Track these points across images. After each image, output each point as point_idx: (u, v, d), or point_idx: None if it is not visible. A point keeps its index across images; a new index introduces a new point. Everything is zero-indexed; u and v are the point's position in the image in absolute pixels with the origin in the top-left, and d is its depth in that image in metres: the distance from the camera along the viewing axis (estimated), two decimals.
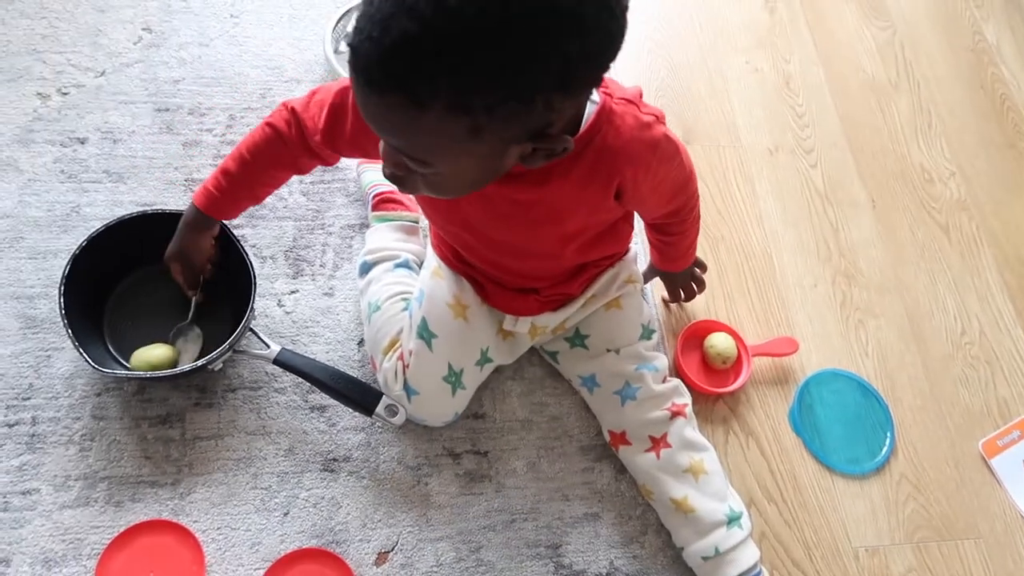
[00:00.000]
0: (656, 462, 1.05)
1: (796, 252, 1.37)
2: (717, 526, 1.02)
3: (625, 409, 1.07)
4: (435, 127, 0.63)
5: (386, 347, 1.06)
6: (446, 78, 0.59)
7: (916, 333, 1.33)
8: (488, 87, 0.60)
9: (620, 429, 1.08)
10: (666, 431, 1.06)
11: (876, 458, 1.20)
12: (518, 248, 0.96)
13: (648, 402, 1.06)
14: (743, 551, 1.02)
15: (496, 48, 0.59)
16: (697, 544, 1.02)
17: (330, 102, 0.90)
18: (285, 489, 1.01)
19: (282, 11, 1.40)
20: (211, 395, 1.05)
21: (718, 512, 1.02)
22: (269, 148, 0.94)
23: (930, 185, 1.51)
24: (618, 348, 1.09)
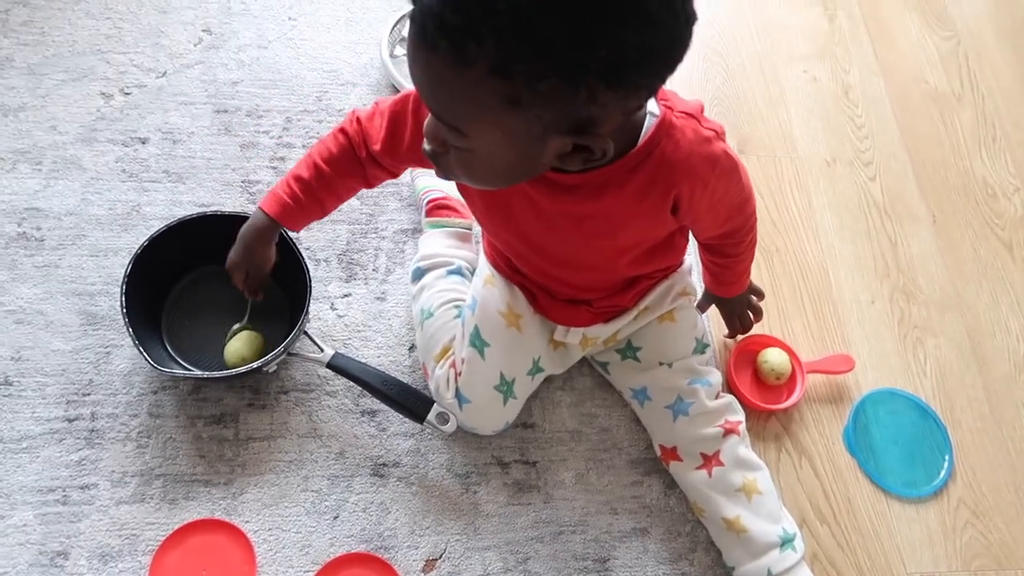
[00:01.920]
0: (708, 480, 1.03)
1: (853, 267, 1.34)
2: (770, 548, 1.00)
3: (677, 425, 1.05)
4: (475, 88, 0.62)
5: (438, 354, 1.06)
6: (494, 39, 0.58)
7: (977, 353, 1.30)
8: (533, 56, 0.59)
9: (671, 444, 1.07)
10: (719, 448, 1.04)
11: (934, 481, 1.17)
12: (571, 260, 0.95)
13: (701, 418, 1.05)
14: (796, 574, 1.00)
15: (550, 16, 0.57)
16: (749, 565, 1.00)
17: (389, 110, 0.91)
18: (335, 492, 1.02)
19: (338, 14, 1.41)
20: (264, 396, 1.06)
21: (771, 533, 1.00)
22: (342, 156, 0.94)
23: (993, 200, 1.46)
24: (671, 362, 1.08)
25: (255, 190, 1.21)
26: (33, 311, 1.07)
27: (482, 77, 0.60)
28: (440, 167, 0.75)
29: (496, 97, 0.62)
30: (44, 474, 0.98)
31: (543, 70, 0.60)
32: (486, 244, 1.09)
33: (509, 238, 0.97)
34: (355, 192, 1.01)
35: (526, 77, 0.60)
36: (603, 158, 0.70)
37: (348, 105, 1.31)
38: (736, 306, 1.17)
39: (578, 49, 0.59)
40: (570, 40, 0.58)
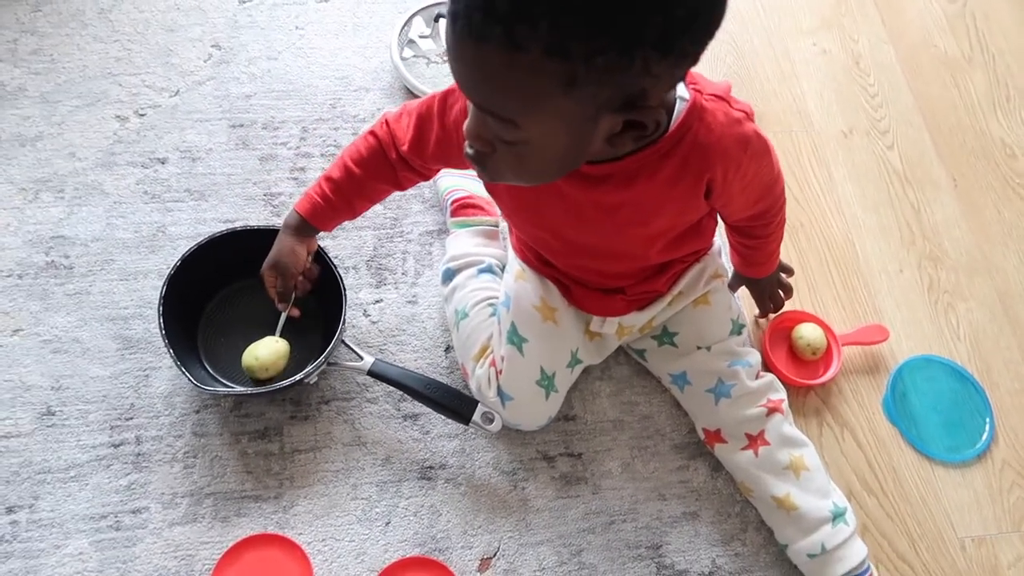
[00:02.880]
0: (755, 460, 1.03)
1: (878, 237, 1.34)
2: (822, 523, 1.00)
3: (719, 407, 1.05)
4: (530, 74, 0.60)
5: (477, 354, 1.06)
6: (547, 19, 0.57)
7: (1009, 314, 1.29)
8: (590, 31, 0.58)
9: (715, 427, 1.07)
10: (763, 428, 1.04)
11: (976, 445, 1.17)
12: (603, 250, 0.94)
13: (743, 399, 1.04)
14: (850, 547, 1.00)
15: None
16: (802, 542, 1.00)
17: (416, 111, 0.91)
18: (385, 499, 1.02)
19: (345, 20, 1.41)
20: (306, 408, 1.06)
21: (822, 509, 1.00)
22: (372, 158, 0.94)
23: (1013, 160, 1.46)
24: (709, 345, 1.07)
25: (278, 202, 1.21)
26: (69, 339, 1.07)
27: (537, 61, 0.59)
28: (486, 169, 0.74)
29: (553, 80, 0.61)
30: (95, 501, 0.98)
31: (600, 44, 0.59)
32: (514, 240, 1.09)
33: (540, 234, 0.97)
34: (386, 195, 1.01)
35: (583, 54, 0.59)
36: (656, 131, 0.70)
37: (362, 111, 1.31)
38: (767, 286, 1.17)
39: (633, 17, 0.58)
40: (623, 11, 0.57)
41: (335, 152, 1.26)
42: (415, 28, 1.40)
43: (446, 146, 0.89)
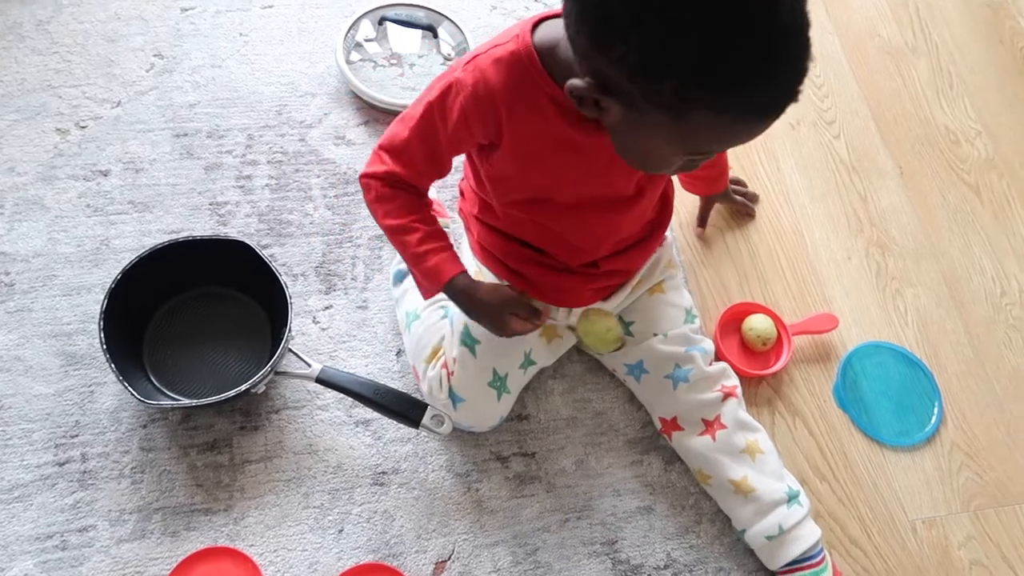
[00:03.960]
0: (713, 444, 1.04)
1: (827, 226, 1.35)
2: (778, 504, 1.02)
3: (677, 392, 1.06)
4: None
5: (428, 356, 1.05)
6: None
7: (955, 298, 1.31)
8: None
9: (671, 415, 1.07)
10: (719, 412, 1.05)
11: (925, 428, 1.19)
12: (610, 199, 0.94)
13: (701, 383, 1.06)
14: (805, 528, 1.02)
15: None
16: (759, 525, 1.01)
17: (415, 135, 0.89)
18: (337, 506, 1.01)
19: (290, 26, 1.40)
20: (256, 418, 1.05)
21: (778, 491, 1.02)
22: (411, 203, 0.93)
23: (956, 146, 1.48)
24: (665, 332, 1.09)
25: (224, 211, 1.20)
26: (10, 358, 1.05)
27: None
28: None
29: None
30: (40, 521, 0.96)
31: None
32: (474, 242, 1.08)
33: (563, 216, 0.95)
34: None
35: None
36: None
37: (309, 116, 1.30)
38: (728, 196, 1.29)
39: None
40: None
41: (281, 159, 1.25)
42: (362, 32, 1.39)
43: (455, 145, 0.89)
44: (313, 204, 1.22)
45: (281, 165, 1.25)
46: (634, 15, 0.62)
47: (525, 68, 0.80)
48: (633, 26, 0.63)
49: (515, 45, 0.80)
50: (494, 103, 0.82)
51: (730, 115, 0.66)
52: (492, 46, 0.83)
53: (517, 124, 0.84)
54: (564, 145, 0.84)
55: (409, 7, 1.41)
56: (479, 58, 0.82)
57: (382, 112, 1.32)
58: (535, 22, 0.82)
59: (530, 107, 0.82)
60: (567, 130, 0.82)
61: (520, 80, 0.81)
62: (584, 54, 0.70)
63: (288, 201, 1.22)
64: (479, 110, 0.83)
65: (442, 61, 1.39)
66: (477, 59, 0.82)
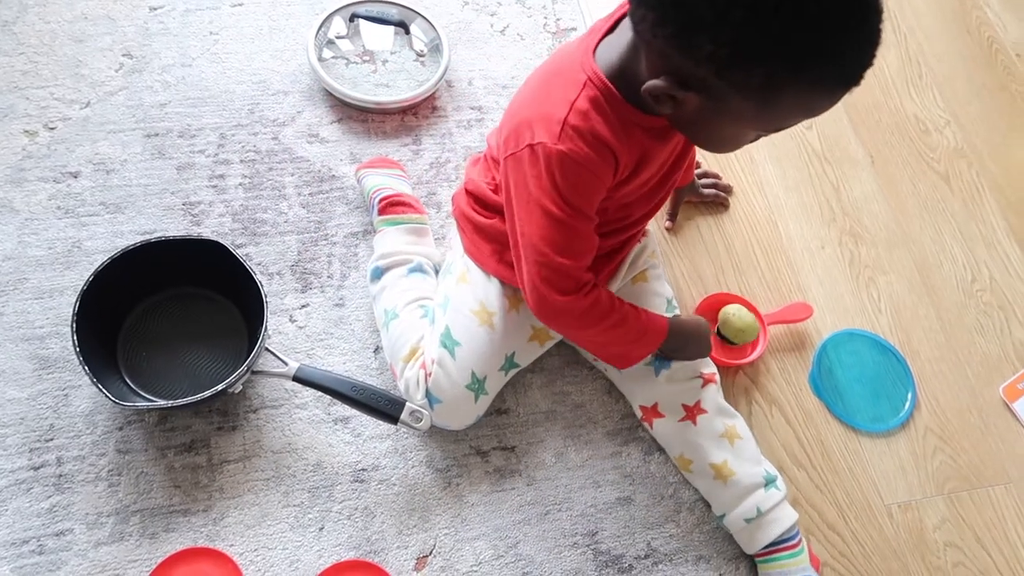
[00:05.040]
0: (694, 429, 1.06)
1: (800, 216, 1.37)
2: (756, 488, 1.03)
3: (660, 379, 1.07)
4: None
5: (406, 355, 1.05)
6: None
7: (927, 285, 1.33)
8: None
9: (652, 402, 1.08)
10: (699, 398, 1.07)
11: (900, 414, 1.20)
12: (665, 198, 1.05)
13: (682, 370, 1.08)
14: (782, 511, 1.04)
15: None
16: (739, 508, 1.03)
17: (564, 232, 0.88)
18: (317, 504, 1.01)
19: (261, 24, 1.39)
20: (233, 418, 1.05)
21: (756, 475, 1.04)
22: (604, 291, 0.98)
23: (926, 136, 1.50)
24: None
25: (197, 211, 1.19)
26: None
27: None
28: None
29: None
30: (16, 526, 0.95)
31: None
32: (469, 244, 1.07)
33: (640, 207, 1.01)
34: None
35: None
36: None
37: (282, 114, 1.30)
38: (695, 189, 1.31)
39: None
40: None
41: (255, 158, 1.25)
42: (334, 28, 1.39)
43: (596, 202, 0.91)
44: (287, 202, 1.22)
45: (254, 164, 1.24)
46: (720, 12, 0.66)
47: (612, 105, 0.82)
48: (721, 22, 0.67)
49: (592, 90, 0.82)
50: (609, 148, 0.84)
51: (817, 90, 0.71)
52: (560, 99, 0.83)
53: (627, 156, 0.87)
54: (658, 163, 0.93)
55: (381, 3, 1.41)
56: (566, 120, 0.82)
57: (355, 109, 1.31)
58: (593, 48, 0.84)
59: (630, 138, 0.85)
60: (652, 145, 0.88)
61: (613, 118, 0.83)
62: (662, 54, 0.74)
63: (262, 200, 1.22)
64: (606, 160, 0.85)
65: (414, 58, 1.39)
66: (565, 122, 0.82)
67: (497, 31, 1.45)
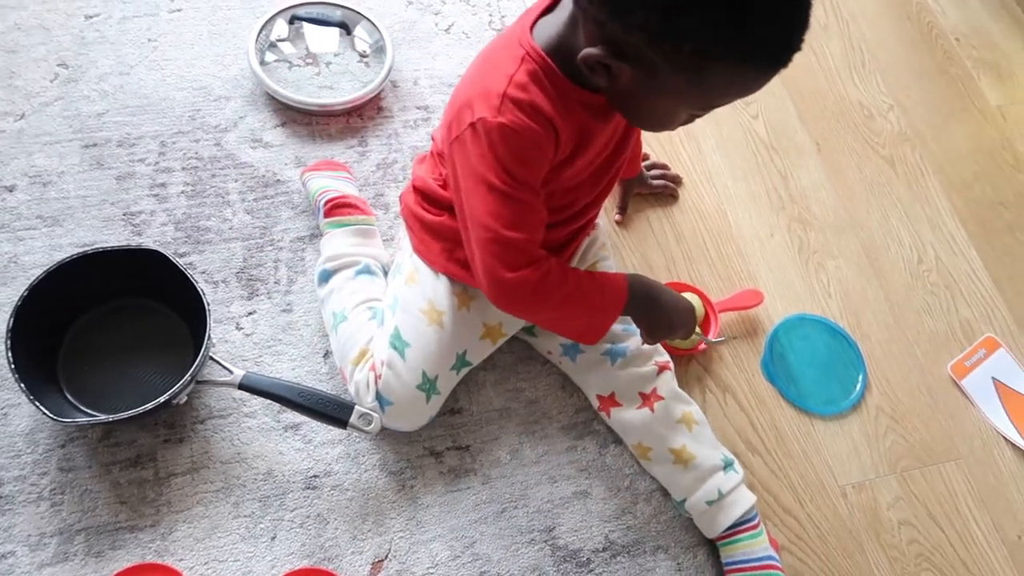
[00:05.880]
0: (651, 415, 1.06)
1: (749, 204, 1.38)
2: (716, 470, 1.04)
3: (615, 368, 1.08)
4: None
5: (356, 357, 1.04)
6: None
7: (875, 268, 1.35)
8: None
9: (609, 391, 1.09)
10: (655, 385, 1.07)
11: (851, 395, 1.22)
12: (612, 181, 1.04)
13: (637, 359, 1.08)
14: (741, 493, 1.05)
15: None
16: (699, 492, 1.04)
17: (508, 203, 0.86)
18: (269, 513, 0.99)
19: (201, 29, 1.37)
20: (180, 429, 1.03)
21: (715, 457, 1.05)
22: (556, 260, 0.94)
23: (871, 121, 1.52)
24: None
25: (138, 221, 1.16)
26: None
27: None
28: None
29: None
30: None
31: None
32: (417, 243, 1.06)
33: (586, 193, 1.00)
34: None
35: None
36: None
37: (223, 120, 1.28)
38: (644, 180, 1.31)
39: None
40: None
41: (196, 165, 1.23)
42: (275, 32, 1.37)
43: (540, 176, 0.89)
44: (231, 209, 1.20)
45: (196, 171, 1.22)
46: None
47: (551, 79, 0.82)
48: None
49: (531, 64, 0.82)
50: (549, 121, 0.83)
51: (745, 69, 0.72)
52: (499, 75, 0.82)
53: (568, 131, 0.86)
54: (600, 142, 0.91)
55: (322, 5, 1.39)
56: (504, 93, 0.81)
57: (299, 112, 1.30)
58: (530, 26, 0.84)
59: (571, 118, 0.84)
60: (593, 123, 0.87)
61: (552, 92, 0.82)
62: (597, 22, 0.74)
63: (205, 207, 1.20)
64: (548, 134, 0.84)
65: (358, 59, 1.37)
66: (504, 95, 0.81)
67: (442, 30, 1.44)
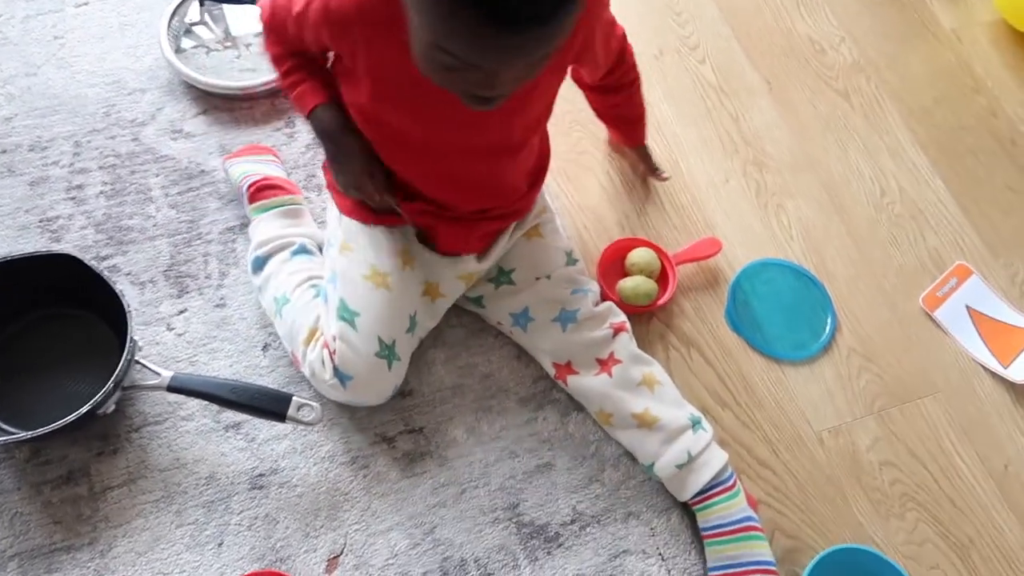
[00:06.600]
0: (610, 380, 1.01)
1: (701, 152, 1.32)
2: (683, 430, 1.00)
3: (567, 334, 1.03)
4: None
5: (306, 338, 0.99)
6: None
7: (836, 205, 1.30)
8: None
9: (565, 359, 1.04)
10: (612, 349, 1.03)
11: (821, 338, 1.17)
12: (493, 151, 0.93)
13: (589, 322, 1.03)
14: (712, 452, 1.00)
15: None
16: (667, 455, 0.99)
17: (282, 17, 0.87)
18: (214, 519, 0.94)
19: (109, 21, 1.29)
20: (114, 440, 0.97)
21: (681, 417, 1.00)
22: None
23: (822, 55, 1.46)
24: (548, 274, 1.05)
25: (56, 227, 1.10)
26: None
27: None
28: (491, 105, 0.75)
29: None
30: None
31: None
32: (340, 201, 1.02)
33: (436, 164, 0.94)
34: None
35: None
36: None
37: (141, 114, 1.21)
38: (646, 155, 1.24)
39: None
40: None
41: (114, 163, 1.16)
42: (189, 16, 1.30)
43: (318, 44, 0.88)
44: (155, 205, 1.14)
45: (115, 169, 1.16)
46: None
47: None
48: None
49: None
50: (349, 26, 0.79)
51: (459, 17, 0.64)
52: None
53: (374, 55, 0.80)
54: (425, 86, 0.79)
55: None
56: None
57: (220, 98, 1.23)
58: None
59: (387, 38, 0.78)
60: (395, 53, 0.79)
61: (376, 6, 0.77)
62: None
63: (127, 206, 1.13)
64: (331, 30, 0.81)
65: None
66: None
67: None
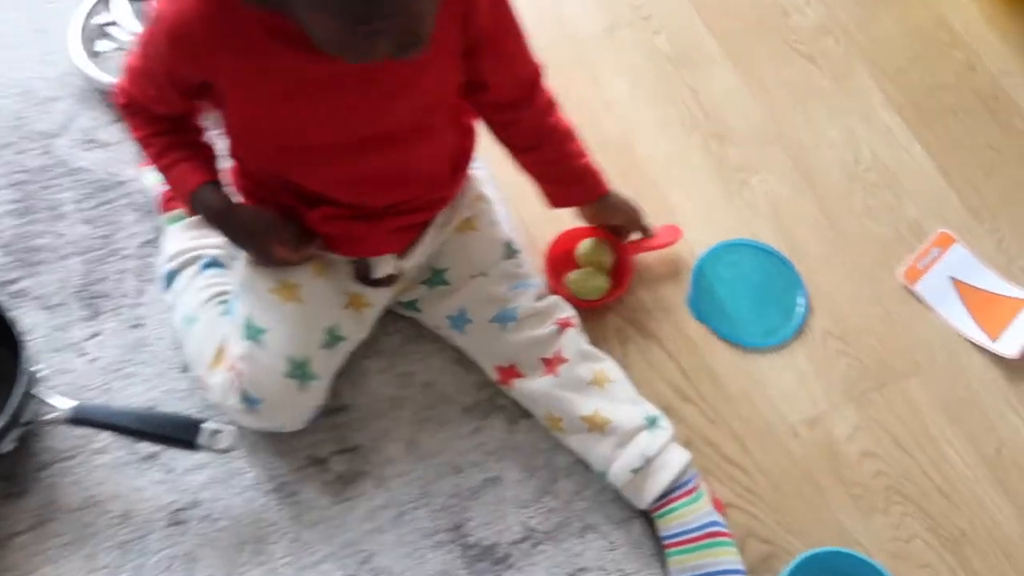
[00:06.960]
0: (556, 381, 0.94)
1: (657, 130, 1.24)
2: (638, 431, 0.92)
3: (507, 334, 0.95)
4: None
5: (212, 360, 0.91)
6: None
7: (806, 176, 1.21)
8: None
9: (508, 362, 0.96)
10: (558, 347, 0.95)
11: (792, 321, 1.08)
12: (388, 137, 0.84)
13: (531, 320, 0.95)
14: (671, 454, 0.92)
15: None
16: (622, 459, 0.91)
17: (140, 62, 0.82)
18: (129, 560, 0.87)
19: (21, 27, 1.22)
20: (20, 481, 0.90)
21: (635, 416, 0.92)
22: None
23: (786, 18, 1.37)
24: (484, 271, 0.97)
25: None
26: None
27: None
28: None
29: None
30: None
31: None
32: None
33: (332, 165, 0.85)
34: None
35: None
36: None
37: (53, 125, 1.13)
38: (612, 212, 1.06)
39: None
40: None
41: (24, 179, 1.09)
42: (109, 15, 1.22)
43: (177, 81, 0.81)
44: (67, 221, 1.06)
45: (24, 185, 1.08)
46: None
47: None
48: None
49: None
50: (196, 43, 0.73)
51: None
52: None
53: (236, 66, 0.75)
54: (297, 78, 0.76)
55: None
56: None
57: None
58: None
59: (236, 43, 0.73)
60: (295, 59, 0.73)
61: (217, 12, 0.71)
62: None
63: (37, 224, 1.06)
64: (179, 49, 0.75)
65: None
66: None
67: None
